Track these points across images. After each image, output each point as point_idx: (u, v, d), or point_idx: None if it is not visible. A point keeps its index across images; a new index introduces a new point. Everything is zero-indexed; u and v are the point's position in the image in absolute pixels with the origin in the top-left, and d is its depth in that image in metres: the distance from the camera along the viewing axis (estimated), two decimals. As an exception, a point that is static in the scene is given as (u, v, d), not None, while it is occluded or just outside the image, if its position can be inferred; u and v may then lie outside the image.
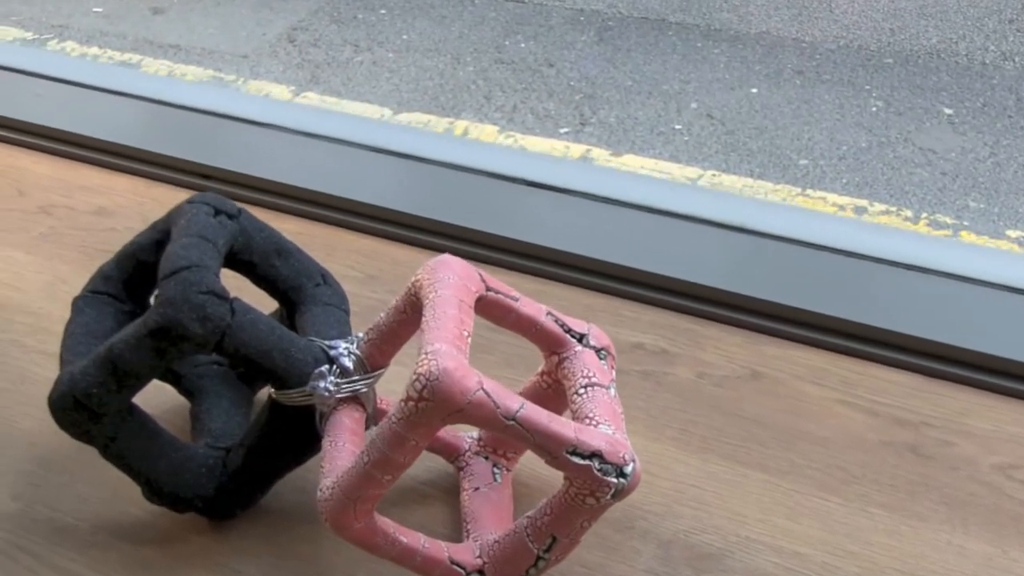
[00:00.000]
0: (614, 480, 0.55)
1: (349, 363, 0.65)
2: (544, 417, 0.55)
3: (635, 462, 0.56)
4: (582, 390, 0.61)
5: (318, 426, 0.65)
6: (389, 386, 0.70)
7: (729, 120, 2.69)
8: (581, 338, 0.64)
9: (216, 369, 0.75)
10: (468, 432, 0.71)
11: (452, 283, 0.60)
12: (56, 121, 1.10)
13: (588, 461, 0.55)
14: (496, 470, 0.70)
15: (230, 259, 0.70)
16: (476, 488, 0.69)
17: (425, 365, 0.54)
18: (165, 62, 2.93)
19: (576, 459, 0.55)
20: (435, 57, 2.98)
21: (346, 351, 0.65)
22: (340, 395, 0.64)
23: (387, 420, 0.56)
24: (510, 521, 0.67)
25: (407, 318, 0.63)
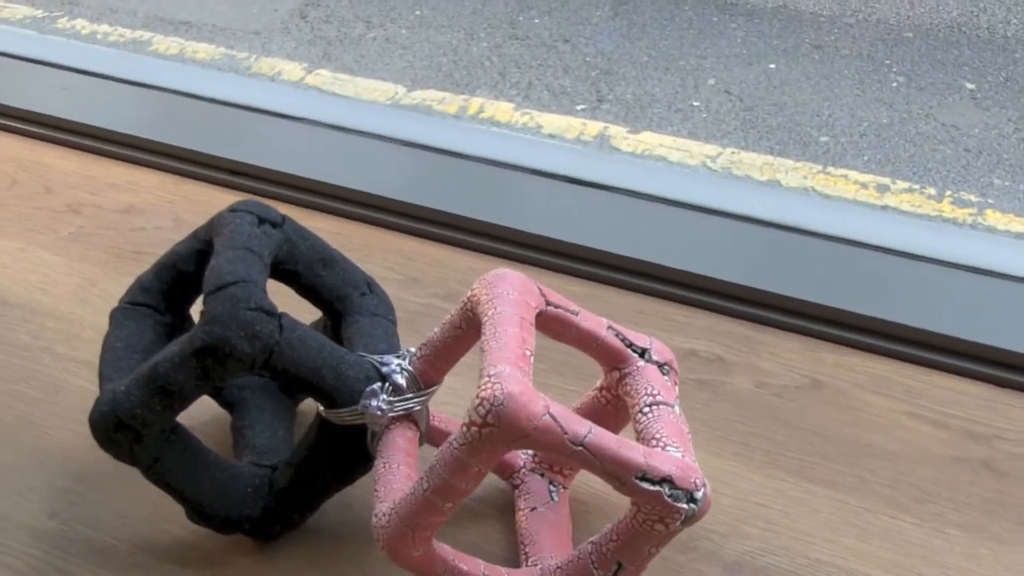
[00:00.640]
0: (684, 506, 0.53)
1: (402, 380, 0.62)
2: (613, 442, 0.53)
3: (706, 487, 0.54)
4: (647, 409, 0.59)
5: (369, 446, 0.63)
6: (437, 398, 0.67)
7: (748, 96, 2.65)
8: (643, 353, 0.62)
9: (257, 380, 0.72)
10: (522, 447, 0.69)
11: (512, 299, 0.57)
12: (82, 115, 1.07)
13: (658, 487, 0.53)
14: (553, 488, 0.67)
15: (273, 269, 0.67)
16: (533, 508, 0.66)
17: (489, 389, 0.51)
18: (176, 39, 2.89)
19: (646, 485, 0.53)
20: (448, 33, 2.93)
21: (398, 368, 0.62)
22: (393, 414, 0.62)
23: (448, 445, 0.54)
24: (569, 542, 0.65)
25: (463, 334, 0.61)
